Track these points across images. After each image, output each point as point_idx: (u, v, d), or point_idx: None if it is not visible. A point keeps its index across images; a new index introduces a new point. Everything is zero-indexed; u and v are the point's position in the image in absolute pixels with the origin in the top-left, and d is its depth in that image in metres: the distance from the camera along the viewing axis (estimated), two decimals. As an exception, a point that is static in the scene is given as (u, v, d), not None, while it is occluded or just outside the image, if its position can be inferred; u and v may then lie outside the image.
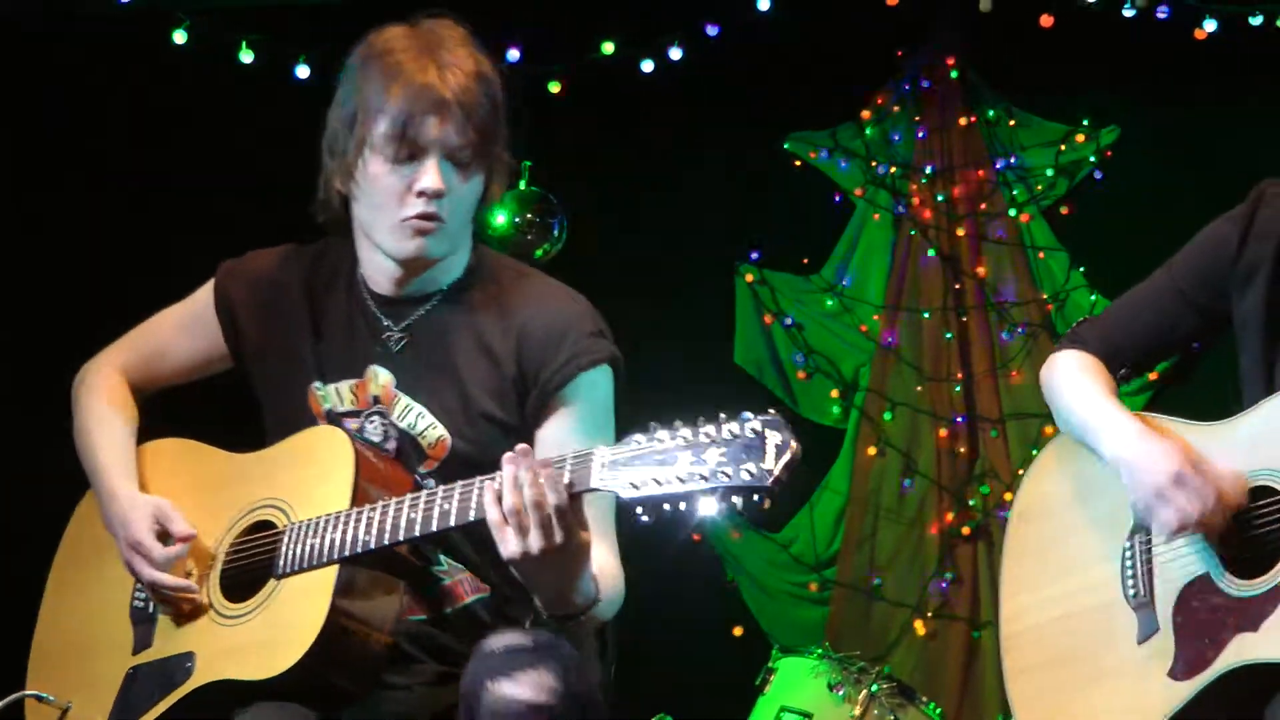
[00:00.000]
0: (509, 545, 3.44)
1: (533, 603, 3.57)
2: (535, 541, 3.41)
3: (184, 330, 4.13)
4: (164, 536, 3.85)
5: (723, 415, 3.31)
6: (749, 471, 3.25)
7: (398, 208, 3.76)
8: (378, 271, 3.92)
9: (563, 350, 3.81)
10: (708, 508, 3.33)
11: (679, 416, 3.37)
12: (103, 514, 3.97)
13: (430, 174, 3.72)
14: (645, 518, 3.34)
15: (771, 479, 3.24)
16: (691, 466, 3.28)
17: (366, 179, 3.77)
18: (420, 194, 3.73)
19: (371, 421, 3.89)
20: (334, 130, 3.82)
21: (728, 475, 3.26)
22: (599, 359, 3.82)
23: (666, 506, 3.31)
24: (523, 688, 3.37)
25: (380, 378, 3.90)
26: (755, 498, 3.26)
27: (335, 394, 3.92)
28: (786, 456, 3.25)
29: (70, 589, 4.09)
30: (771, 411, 3.31)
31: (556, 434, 3.76)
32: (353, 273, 3.98)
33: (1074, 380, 3.95)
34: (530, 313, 3.86)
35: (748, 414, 3.30)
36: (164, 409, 4.18)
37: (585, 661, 3.56)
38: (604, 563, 3.68)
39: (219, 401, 4.19)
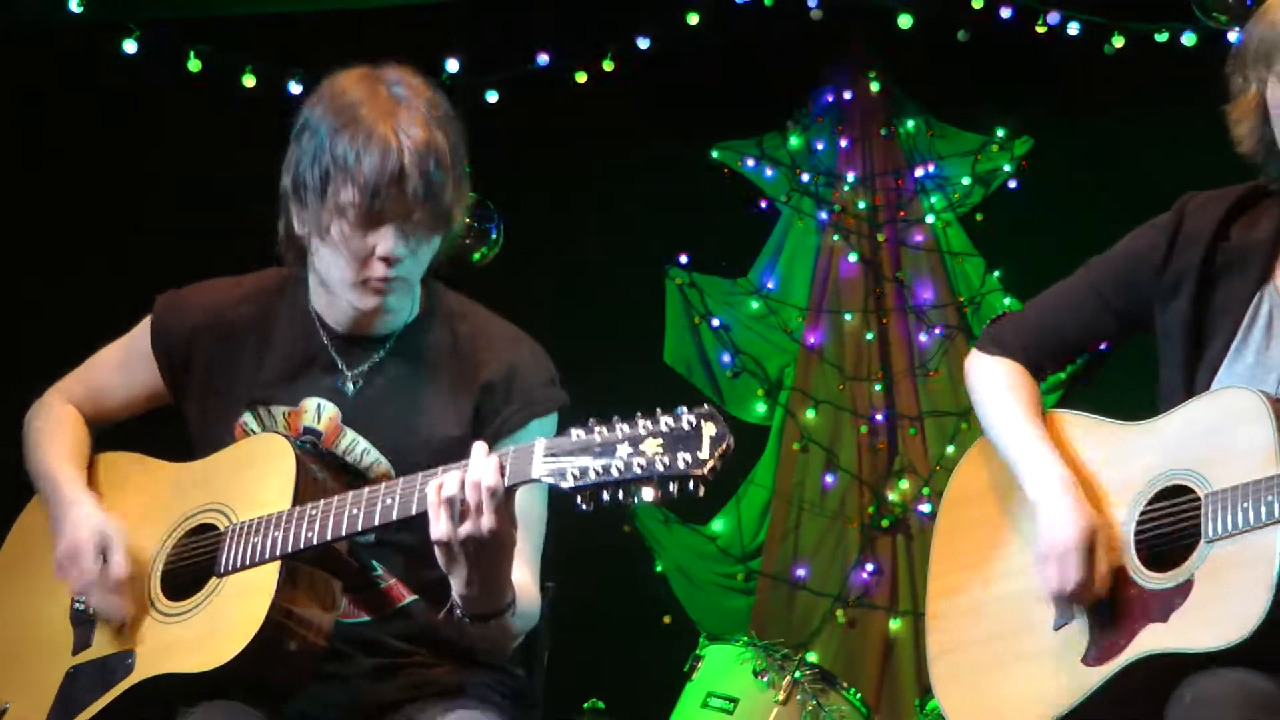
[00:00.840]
0: (439, 526, 3.44)
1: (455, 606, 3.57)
2: (466, 526, 3.42)
3: (122, 367, 4.10)
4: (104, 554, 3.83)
5: (659, 409, 3.32)
6: (685, 460, 3.25)
7: (359, 268, 3.76)
8: (334, 311, 3.90)
9: (518, 397, 3.84)
10: (646, 495, 3.33)
11: (611, 413, 3.37)
12: (52, 517, 3.93)
13: (389, 241, 3.72)
14: (585, 506, 3.34)
15: (706, 467, 3.25)
16: (629, 456, 3.28)
17: (331, 236, 3.75)
18: (381, 259, 3.74)
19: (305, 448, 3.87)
20: (301, 179, 3.78)
21: (665, 464, 3.26)
22: (550, 408, 3.86)
23: (606, 495, 3.31)
24: None
25: (324, 411, 3.88)
26: (691, 485, 3.26)
27: (269, 419, 3.89)
28: (722, 446, 3.26)
29: (11, 594, 4.04)
30: (707, 405, 3.32)
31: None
32: (300, 304, 3.97)
33: (1000, 400, 3.94)
34: (492, 364, 3.89)
35: (683, 408, 3.31)
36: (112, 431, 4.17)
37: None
38: (523, 582, 3.70)
39: (161, 421, 4.17)
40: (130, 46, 7.12)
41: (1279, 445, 3.46)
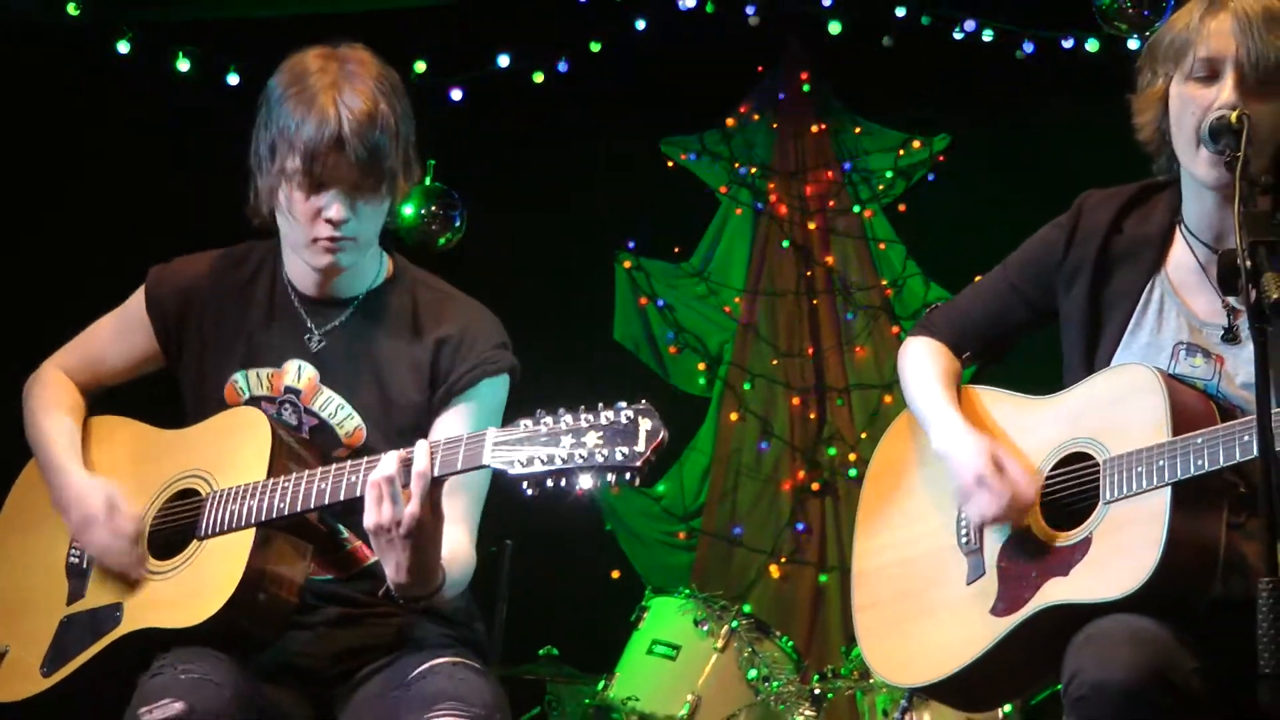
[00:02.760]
0: (369, 514, 3.46)
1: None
2: (391, 511, 3.43)
3: (119, 335, 4.09)
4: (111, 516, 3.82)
5: (600, 404, 3.35)
6: (623, 453, 3.29)
7: (310, 228, 3.77)
8: (301, 274, 3.92)
9: (470, 357, 3.84)
10: (585, 483, 3.35)
11: (565, 385, 3.39)
12: (53, 493, 3.92)
13: (334, 205, 3.73)
14: (530, 491, 3.37)
15: (641, 459, 3.29)
16: (572, 448, 3.31)
17: (284, 201, 3.77)
18: (327, 220, 3.74)
19: (284, 408, 3.87)
20: (258, 151, 3.80)
21: (604, 455, 3.30)
22: (501, 368, 3.86)
23: (549, 482, 3.34)
24: None
25: (304, 372, 3.88)
26: (627, 475, 3.30)
27: (256, 380, 3.90)
28: (656, 440, 3.29)
29: (11, 548, 4.02)
30: (644, 401, 3.35)
31: (453, 427, 3.78)
32: (276, 273, 3.97)
33: (919, 368, 3.97)
34: (446, 323, 3.89)
35: (622, 404, 3.34)
36: (104, 396, 4.14)
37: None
38: (459, 545, 3.72)
39: (149, 385, 4.15)
40: (124, 47, 7.08)
41: (1169, 416, 3.49)
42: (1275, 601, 2.94)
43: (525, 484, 3.36)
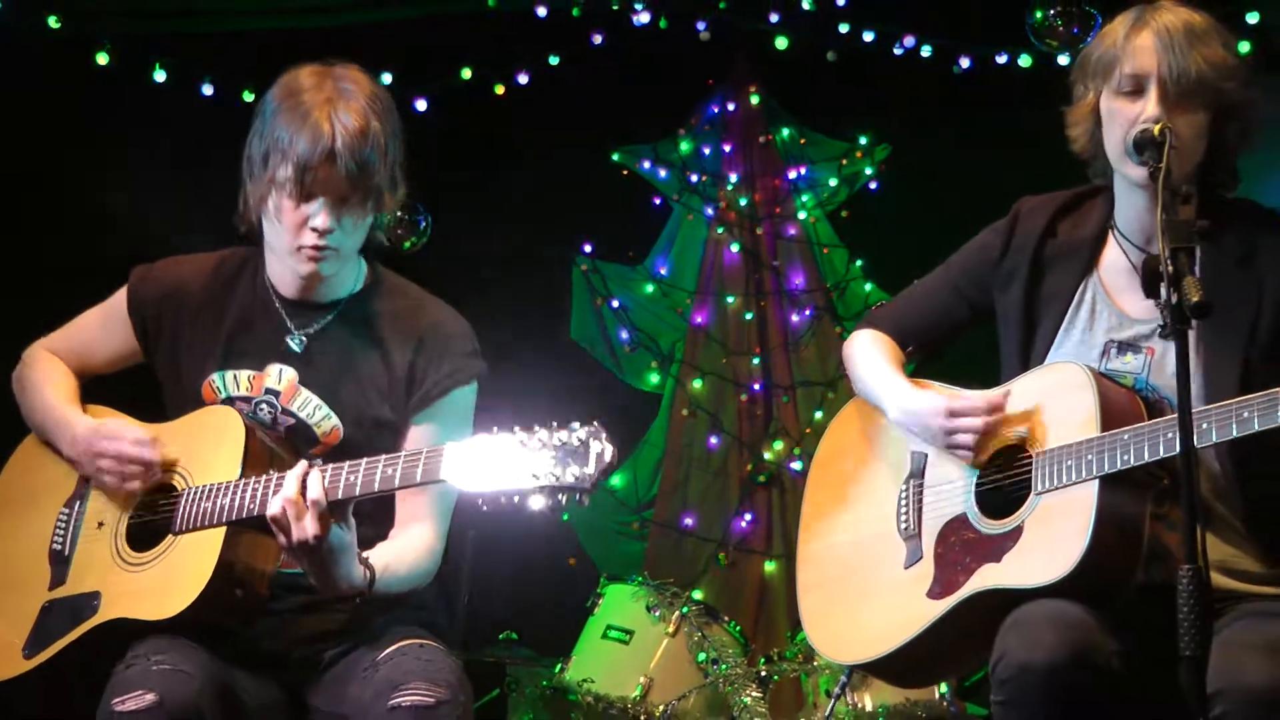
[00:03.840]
0: (280, 537, 3.52)
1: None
2: (298, 532, 3.49)
3: (102, 330, 4.09)
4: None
5: (555, 423, 3.37)
6: (574, 475, 3.33)
7: (296, 236, 3.78)
8: (283, 279, 3.93)
9: (446, 365, 3.87)
10: (536, 503, 3.38)
11: (523, 382, 3.40)
12: (65, 438, 3.93)
13: (320, 215, 3.74)
14: (485, 507, 3.43)
15: (591, 482, 3.33)
16: (526, 467, 3.34)
17: (273, 208, 3.78)
18: (313, 229, 3.75)
19: (261, 408, 3.87)
20: (252, 159, 3.81)
21: (556, 477, 3.33)
22: (471, 376, 3.89)
23: (502, 500, 3.37)
24: None
25: (284, 375, 3.89)
26: (577, 497, 3.34)
27: (233, 380, 3.90)
28: (605, 462, 3.33)
29: (1, 528, 4.02)
30: (595, 423, 3.37)
31: (426, 433, 3.82)
32: (258, 276, 3.97)
33: (867, 354, 4.01)
34: (426, 331, 3.91)
35: (575, 423, 3.36)
36: (85, 386, 4.13)
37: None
38: (420, 541, 3.76)
39: (130, 381, 4.14)
40: (102, 58, 7.04)
41: (1099, 412, 3.51)
42: (1195, 588, 2.97)
43: (480, 500, 3.39)
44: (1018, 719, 3.34)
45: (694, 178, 8.16)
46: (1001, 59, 7.43)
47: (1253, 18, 6.84)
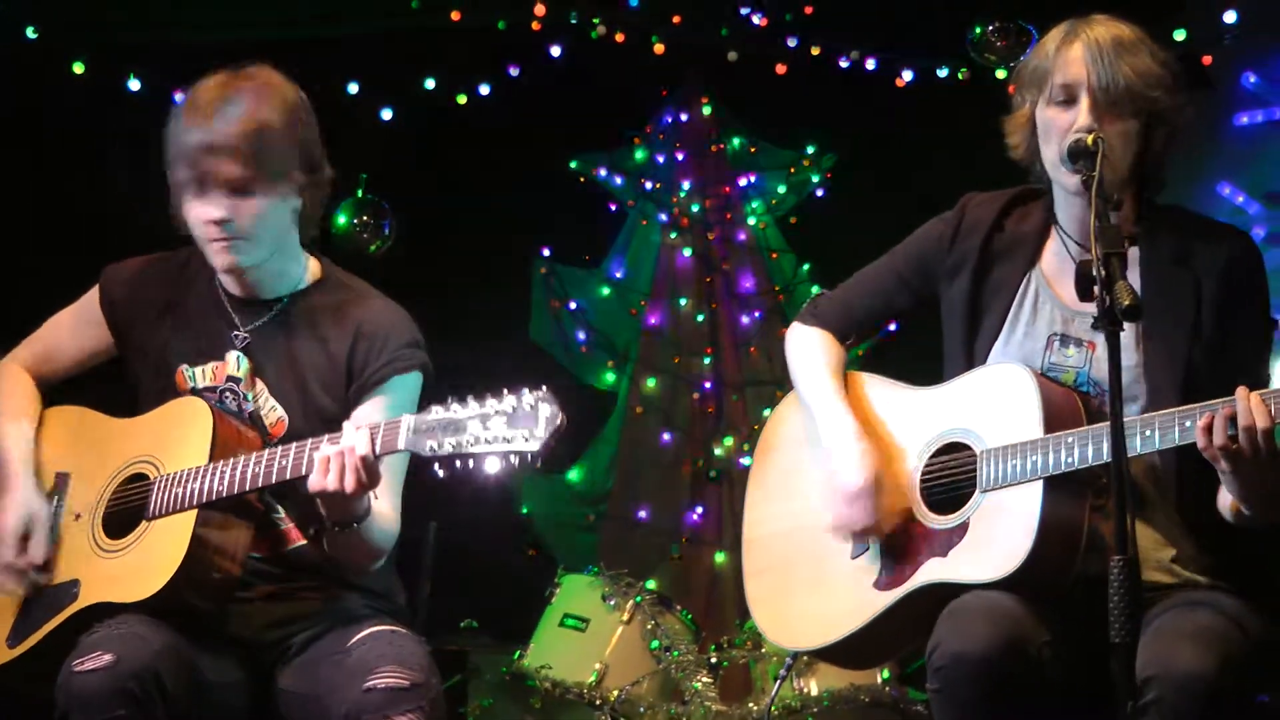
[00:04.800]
0: (316, 480, 3.49)
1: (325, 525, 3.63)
2: (337, 480, 3.48)
3: (75, 330, 4.07)
4: (25, 539, 3.82)
5: (505, 390, 3.37)
6: (524, 436, 3.32)
7: (202, 230, 3.77)
8: (223, 276, 3.91)
9: (384, 354, 3.84)
10: (492, 465, 3.38)
11: (486, 380, 3.39)
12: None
13: (211, 206, 3.72)
14: (441, 472, 3.42)
15: (541, 444, 3.32)
16: (479, 432, 3.34)
17: (185, 209, 3.77)
18: (210, 221, 3.73)
19: (226, 396, 3.86)
20: (166, 164, 3.80)
21: (507, 440, 3.32)
22: (411, 365, 3.85)
23: (458, 464, 3.38)
24: None
25: (243, 364, 3.87)
26: (528, 458, 3.33)
27: (200, 373, 3.89)
28: (555, 425, 3.32)
29: None
30: (544, 388, 3.36)
31: (368, 414, 3.76)
32: (211, 275, 3.95)
33: (807, 359, 3.97)
34: (363, 322, 3.87)
35: (524, 389, 3.35)
36: (65, 385, 4.13)
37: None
38: (384, 510, 3.73)
39: (102, 378, 4.13)
40: (78, 68, 7.00)
41: (1042, 413, 3.52)
42: (1126, 578, 2.98)
43: (436, 465, 3.39)
44: (951, 707, 3.34)
45: (648, 185, 8.16)
46: (942, 73, 7.46)
47: (1179, 34, 6.87)
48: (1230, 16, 6.95)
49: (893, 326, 4.09)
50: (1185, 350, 3.55)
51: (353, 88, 7.31)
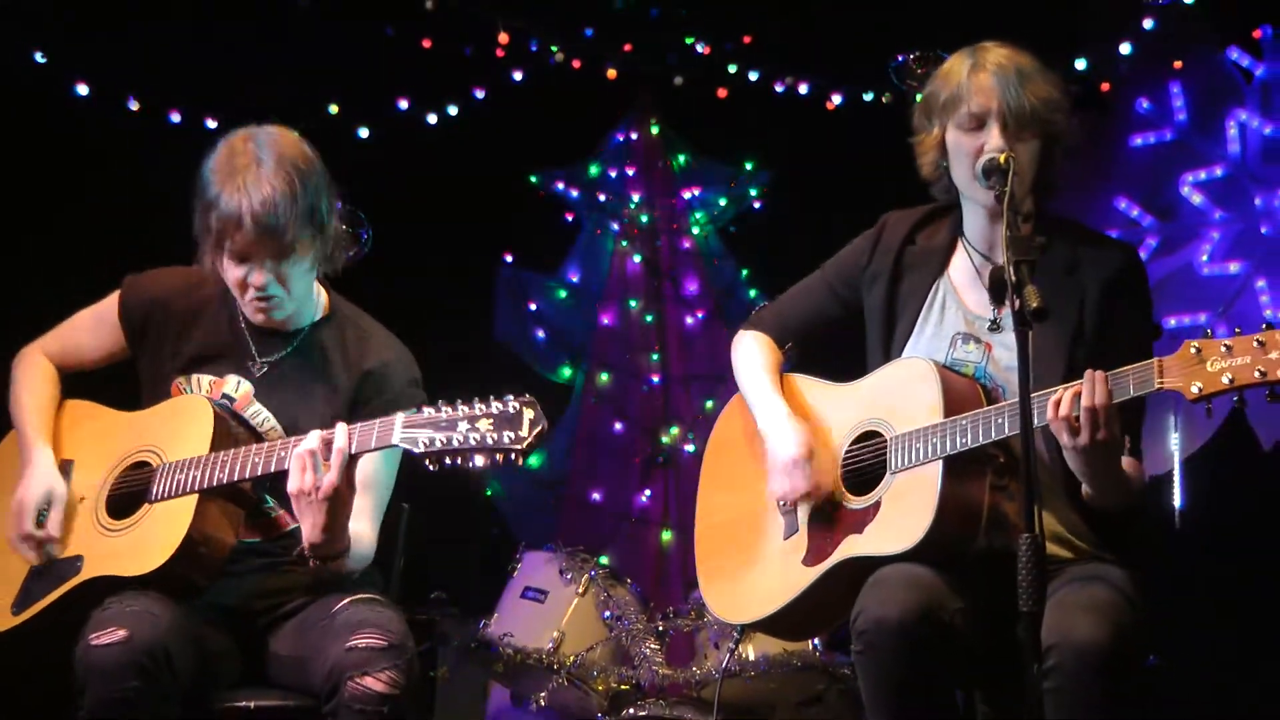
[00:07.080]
0: (293, 480, 3.48)
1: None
2: (312, 478, 3.48)
3: (94, 330, 4.08)
4: (43, 512, 3.82)
5: (492, 396, 3.40)
6: (509, 437, 3.36)
7: (241, 291, 3.78)
8: (245, 311, 3.90)
9: (386, 392, 3.86)
10: (478, 462, 3.39)
11: (455, 377, 3.41)
12: (20, 462, 3.91)
13: (254, 274, 3.73)
14: (431, 468, 3.44)
15: (525, 444, 3.36)
16: (467, 432, 3.36)
17: (219, 266, 3.78)
18: (252, 286, 3.74)
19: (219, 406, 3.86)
20: (197, 222, 3.77)
21: (494, 439, 3.35)
22: (412, 404, 3.78)
23: (447, 460, 3.40)
24: (378, 683, 3.48)
25: (241, 386, 3.88)
26: (513, 455, 3.36)
27: (195, 384, 3.90)
28: (538, 428, 3.37)
29: None
30: (527, 395, 3.40)
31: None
32: (230, 301, 3.93)
33: (748, 361, 4.02)
34: (369, 359, 3.90)
35: (510, 395, 3.39)
36: (74, 382, 4.13)
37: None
38: (363, 533, 3.75)
39: (110, 377, 4.12)
40: (82, 89, 6.94)
41: (943, 401, 3.56)
42: (1032, 553, 3.01)
43: (427, 460, 3.41)
44: (874, 666, 3.38)
45: (602, 197, 8.15)
46: (868, 97, 7.49)
47: (1081, 63, 6.96)
48: (1125, 48, 7.05)
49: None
50: (1067, 350, 3.59)
51: (333, 108, 7.29)
